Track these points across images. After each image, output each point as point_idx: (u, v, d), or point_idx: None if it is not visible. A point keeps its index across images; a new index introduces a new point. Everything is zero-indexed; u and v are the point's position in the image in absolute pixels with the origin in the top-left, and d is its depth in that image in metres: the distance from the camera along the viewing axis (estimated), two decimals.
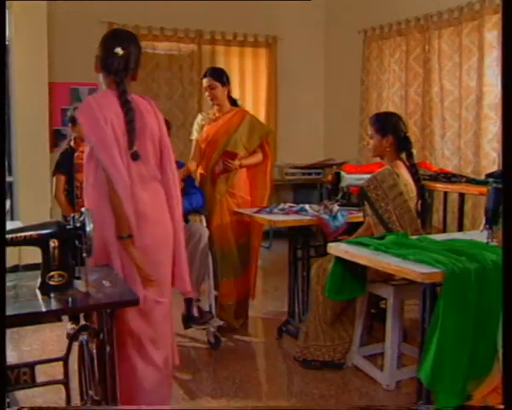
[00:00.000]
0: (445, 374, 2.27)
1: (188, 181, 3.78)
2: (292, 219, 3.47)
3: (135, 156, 2.24)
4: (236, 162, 3.74)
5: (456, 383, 2.29)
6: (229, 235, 3.78)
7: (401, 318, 3.07)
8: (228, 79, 3.83)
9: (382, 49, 6.11)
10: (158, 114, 2.45)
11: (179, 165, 3.24)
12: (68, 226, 1.96)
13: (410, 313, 3.68)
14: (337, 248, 2.76)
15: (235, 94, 4.06)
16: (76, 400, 2.19)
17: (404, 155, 3.23)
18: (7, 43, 4.85)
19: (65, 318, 3.71)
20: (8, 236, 1.89)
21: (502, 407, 1.05)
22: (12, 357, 3.21)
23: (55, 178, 3.81)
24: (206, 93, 3.82)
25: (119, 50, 2.29)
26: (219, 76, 3.78)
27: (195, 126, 3.98)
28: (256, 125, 3.89)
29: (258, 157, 3.88)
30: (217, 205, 3.77)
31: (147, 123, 2.35)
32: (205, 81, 3.79)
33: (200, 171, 3.93)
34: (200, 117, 4.01)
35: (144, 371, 2.34)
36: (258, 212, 3.60)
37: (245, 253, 3.87)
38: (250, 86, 6.74)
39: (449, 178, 4.63)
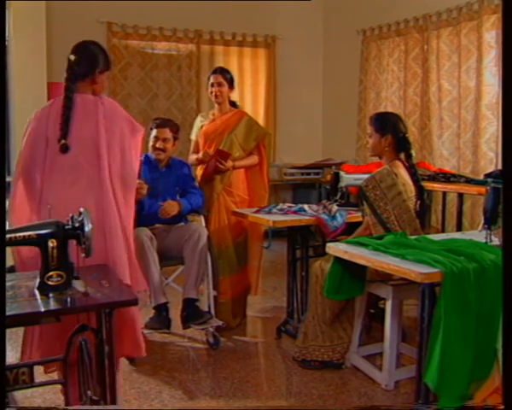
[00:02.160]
0: (450, 377, 2.26)
1: (188, 181, 3.78)
2: (291, 219, 3.46)
3: (63, 148, 2.43)
4: (229, 163, 3.75)
5: (461, 384, 2.29)
6: (226, 233, 3.79)
7: (400, 318, 3.07)
8: (233, 81, 3.88)
9: (381, 49, 6.12)
10: (99, 115, 2.47)
11: None
12: (67, 226, 1.96)
13: (408, 313, 3.68)
14: (336, 248, 2.76)
15: (234, 94, 4.07)
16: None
17: (403, 155, 3.23)
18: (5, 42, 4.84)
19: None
20: (7, 236, 1.89)
21: (502, 407, 1.05)
22: (10, 357, 3.20)
23: None
24: (212, 89, 3.81)
25: (71, 57, 2.56)
26: (229, 76, 3.82)
27: (195, 127, 4.01)
28: (253, 126, 3.90)
29: (253, 159, 3.89)
30: (214, 203, 3.79)
31: (82, 122, 2.47)
32: (213, 77, 3.80)
33: (199, 171, 3.94)
34: (199, 118, 4.03)
35: None
36: (257, 212, 3.61)
37: (242, 251, 3.88)
38: (249, 86, 6.74)
39: (448, 178, 4.64)
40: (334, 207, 3.48)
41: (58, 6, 5.53)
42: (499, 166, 4.65)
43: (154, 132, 3.67)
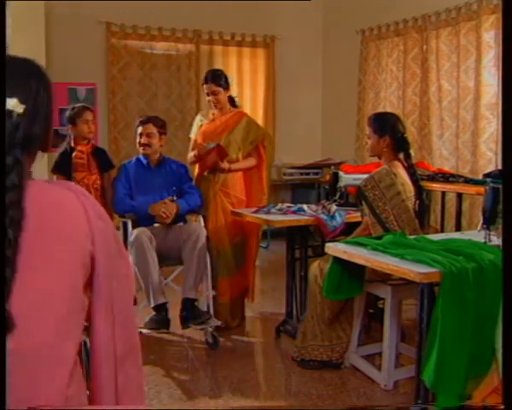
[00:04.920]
0: (446, 375, 2.27)
1: (185, 181, 3.78)
2: (290, 219, 3.46)
3: None
4: (226, 165, 3.75)
5: (458, 383, 2.30)
6: (224, 234, 3.79)
7: (399, 317, 3.07)
8: (228, 81, 3.83)
9: (380, 49, 6.12)
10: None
11: None
12: None
13: (407, 313, 3.68)
14: (335, 248, 2.76)
15: (233, 89, 4.05)
16: None
17: (402, 156, 3.23)
18: None
19: None
20: None
21: (502, 407, 1.05)
22: None
23: (54, 178, 3.83)
24: (209, 98, 3.80)
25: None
26: (220, 80, 3.77)
27: (194, 126, 4.01)
28: (252, 128, 3.90)
29: (250, 162, 3.88)
30: (211, 204, 3.79)
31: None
32: (206, 87, 3.78)
33: (196, 170, 3.94)
34: (199, 117, 4.04)
35: None
36: (255, 212, 3.60)
37: (240, 252, 3.87)
38: (248, 86, 6.74)
39: (447, 178, 4.64)
40: (334, 207, 3.48)
41: (57, 6, 5.53)
42: (498, 166, 4.65)
43: (138, 130, 3.69)
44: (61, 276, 1.09)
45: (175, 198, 3.64)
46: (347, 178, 3.74)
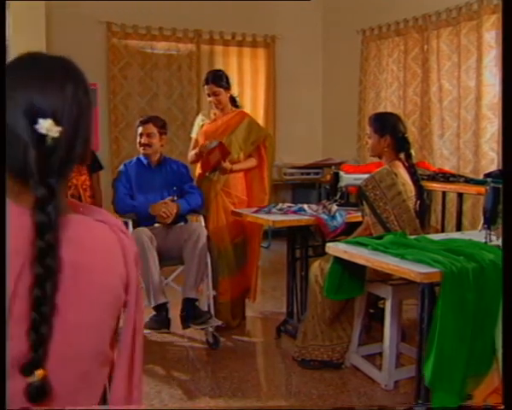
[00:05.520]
0: (444, 373, 2.28)
1: (186, 180, 3.78)
2: (290, 219, 3.46)
3: None
4: (228, 165, 3.75)
5: (455, 381, 2.30)
6: (225, 233, 3.79)
7: (399, 317, 3.07)
8: (229, 81, 3.83)
9: (380, 49, 6.12)
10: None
11: None
12: None
13: (408, 313, 3.68)
14: (335, 248, 2.76)
15: (234, 89, 4.06)
16: None
17: (402, 155, 3.23)
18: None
19: None
20: None
21: (502, 407, 1.05)
22: None
23: None
24: (210, 99, 3.81)
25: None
26: (221, 80, 3.77)
27: (196, 126, 4.01)
28: (254, 127, 3.90)
29: (251, 162, 3.89)
30: (212, 204, 3.79)
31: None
32: (207, 88, 3.79)
33: (197, 170, 3.94)
34: (200, 117, 4.04)
35: None
36: (256, 212, 3.60)
37: (241, 252, 3.87)
38: (248, 86, 6.73)
39: (447, 177, 4.64)
40: (334, 207, 3.48)
41: (58, 6, 5.53)
42: (501, 166, 4.64)
43: (139, 130, 3.70)
44: (87, 325, 0.94)
45: (175, 198, 3.65)
46: (348, 178, 3.74)
